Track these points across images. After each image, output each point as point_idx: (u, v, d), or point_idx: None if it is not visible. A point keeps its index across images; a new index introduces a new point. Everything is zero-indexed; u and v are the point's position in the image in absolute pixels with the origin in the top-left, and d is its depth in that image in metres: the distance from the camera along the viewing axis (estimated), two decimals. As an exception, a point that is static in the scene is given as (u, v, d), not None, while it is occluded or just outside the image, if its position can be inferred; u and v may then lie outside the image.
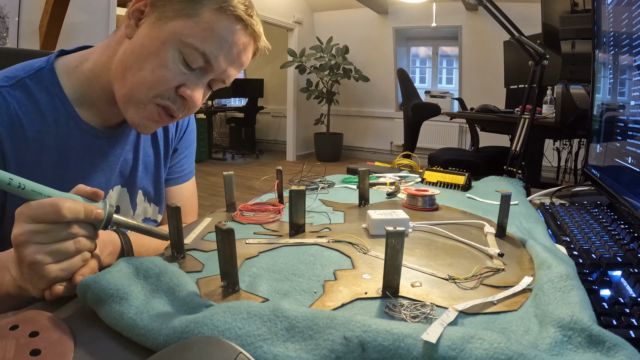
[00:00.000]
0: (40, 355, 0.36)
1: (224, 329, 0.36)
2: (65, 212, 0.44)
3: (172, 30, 0.61)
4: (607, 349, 0.34)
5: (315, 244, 0.60)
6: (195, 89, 0.64)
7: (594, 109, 1.04)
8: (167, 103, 0.63)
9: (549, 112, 2.47)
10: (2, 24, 2.59)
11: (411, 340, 0.34)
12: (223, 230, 0.44)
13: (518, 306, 0.43)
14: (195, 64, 0.62)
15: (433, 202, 0.81)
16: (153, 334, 0.38)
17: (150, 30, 0.62)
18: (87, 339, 0.40)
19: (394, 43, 5.84)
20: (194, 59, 0.62)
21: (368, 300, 0.45)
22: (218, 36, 0.61)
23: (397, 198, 0.89)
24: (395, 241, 0.43)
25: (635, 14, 0.73)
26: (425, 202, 0.80)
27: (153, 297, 0.44)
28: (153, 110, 0.64)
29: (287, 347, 0.35)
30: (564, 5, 2.26)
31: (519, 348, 0.33)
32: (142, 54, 0.61)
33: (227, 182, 0.74)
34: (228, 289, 0.46)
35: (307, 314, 0.37)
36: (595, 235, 0.67)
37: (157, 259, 0.49)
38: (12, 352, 0.35)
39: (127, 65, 0.62)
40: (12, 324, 0.39)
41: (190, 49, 0.61)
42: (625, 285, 0.50)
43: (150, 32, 0.62)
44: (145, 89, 0.62)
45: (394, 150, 6.17)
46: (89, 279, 0.44)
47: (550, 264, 0.49)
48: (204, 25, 0.61)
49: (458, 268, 0.53)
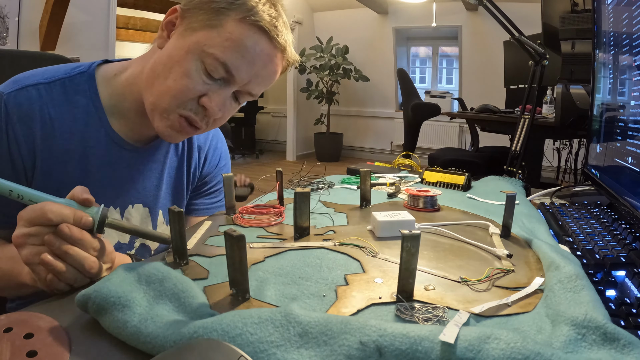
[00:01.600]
0: (37, 357, 0.36)
1: (235, 334, 0.36)
2: (50, 215, 0.47)
3: (196, 40, 0.62)
4: (621, 347, 0.34)
5: (322, 247, 0.59)
6: (216, 99, 0.64)
7: (594, 109, 1.03)
8: (188, 113, 0.64)
9: (549, 112, 2.47)
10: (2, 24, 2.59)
11: (428, 343, 0.34)
12: (233, 237, 0.42)
13: (532, 307, 0.43)
14: (217, 74, 0.63)
15: (435, 202, 0.80)
16: (159, 341, 0.37)
17: (177, 40, 0.64)
18: (82, 340, 0.40)
19: (394, 43, 5.84)
20: (215, 69, 0.62)
21: (382, 305, 0.44)
22: (239, 46, 0.62)
23: (398, 199, 0.88)
24: (411, 244, 0.42)
25: (635, 14, 0.73)
26: (427, 202, 0.80)
27: (157, 303, 0.43)
28: (175, 120, 0.65)
29: (301, 354, 0.35)
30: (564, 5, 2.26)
31: (536, 347, 0.33)
32: (169, 64, 0.63)
33: (226, 184, 0.73)
34: (238, 297, 0.45)
35: (320, 319, 0.37)
36: (597, 236, 0.66)
37: (159, 264, 0.48)
38: (8, 355, 0.35)
39: (156, 74, 0.64)
40: (6, 327, 0.39)
41: (211, 59, 0.62)
42: (629, 286, 0.50)
43: (177, 43, 0.64)
44: (169, 98, 0.63)
45: (394, 150, 6.17)
46: (89, 289, 0.43)
47: (558, 264, 0.49)
48: (226, 36, 0.62)
49: (469, 270, 0.53)
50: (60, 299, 0.48)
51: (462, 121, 5.02)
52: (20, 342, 0.37)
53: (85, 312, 0.43)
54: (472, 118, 3.18)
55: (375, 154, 6.36)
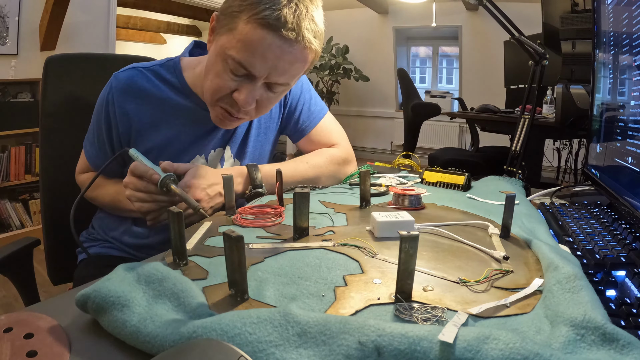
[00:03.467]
0: (37, 357, 0.36)
1: (234, 334, 0.36)
2: (134, 170, 0.73)
3: (221, 44, 0.73)
4: (620, 347, 0.34)
5: (322, 247, 0.59)
6: (245, 93, 0.75)
7: (594, 109, 1.03)
8: (226, 107, 0.78)
9: (549, 112, 2.47)
10: (2, 23, 2.59)
11: (427, 343, 0.34)
12: (232, 238, 0.42)
13: (530, 308, 0.43)
14: (239, 72, 0.73)
15: (419, 201, 0.80)
16: (159, 341, 0.37)
17: (213, 45, 0.77)
18: (82, 340, 0.40)
19: (394, 43, 5.84)
20: (235, 68, 0.72)
21: (381, 306, 0.44)
22: (249, 45, 0.70)
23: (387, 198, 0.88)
24: (409, 246, 0.42)
25: (635, 14, 0.73)
26: (411, 201, 0.80)
27: (156, 302, 0.43)
28: (218, 112, 0.80)
29: (300, 354, 0.35)
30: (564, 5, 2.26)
31: (535, 347, 0.33)
32: (208, 66, 0.78)
33: (226, 185, 0.74)
34: (236, 298, 0.45)
35: (319, 319, 0.37)
36: (598, 236, 0.66)
37: (158, 264, 0.48)
38: (9, 355, 0.35)
39: (204, 74, 0.80)
40: (6, 327, 0.39)
41: (231, 60, 0.72)
42: (630, 286, 0.50)
43: (213, 47, 0.77)
44: (210, 94, 0.78)
45: (394, 150, 6.16)
46: (89, 288, 0.43)
47: (557, 265, 0.48)
48: (238, 37, 0.70)
49: (467, 271, 0.53)
50: (60, 299, 0.48)
51: (462, 121, 5.02)
52: (20, 342, 0.37)
53: (85, 312, 0.43)
54: (472, 118, 3.18)
55: (375, 154, 6.36)
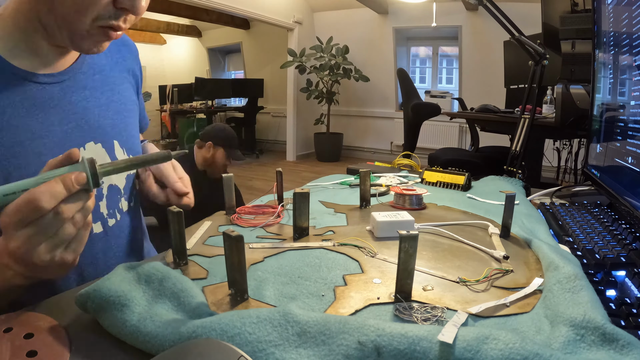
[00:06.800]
0: (37, 357, 0.36)
1: (233, 334, 0.36)
2: (44, 203, 0.40)
3: None
4: (620, 347, 0.34)
5: (322, 247, 0.59)
6: None
7: (594, 109, 1.03)
8: (109, 22, 0.56)
9: (549, 112, 2.47)
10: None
11: (426, 343, 0.34)
12: (232, 238, 0.42)
13: (530, 308, 0.43)
14: None
15: (420, 201, 0.81)
16: (158, 340, 0.37)
17: None
18: (82, 340, 0.40)
19: (394, 43, 5.84)
20: None
21: (380, 305, 0.44)
22: None
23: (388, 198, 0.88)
24: (409, 245, 0.42)
25: (635, 14, 0.73)
26: (412, 201, 0.80)
27: (156, 302, 0.43)
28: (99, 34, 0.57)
29: (299, 354, 0.35)
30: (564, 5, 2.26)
31: (534, 347, 0.33)
32: None
33: (226, 185, 0.74)
34: (236, 297, 0.45)
35: (319, 319, 0.37)
36: (598, 235, 0.66)
37: (158, 264, 0.48)
38: (9, 355, 0.35)
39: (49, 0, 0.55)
40: (6, 327, 0.39)
41: None
42: (630, 286, 0.50)
43: None
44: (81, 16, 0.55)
45: (394, 150, 6.16)
46: (89, 288, 0.43)
47: (557, 264, 0.48)
48: None
49: (467, 270, 0.53)
50: (60, 299, 0.48)
51: (462, 121, 5.02)
52: (20, 342, 0.37)
53: (85, 312, 0.43)
54: (472, 118, 3.18)
55: (375, 154, 6.36)
